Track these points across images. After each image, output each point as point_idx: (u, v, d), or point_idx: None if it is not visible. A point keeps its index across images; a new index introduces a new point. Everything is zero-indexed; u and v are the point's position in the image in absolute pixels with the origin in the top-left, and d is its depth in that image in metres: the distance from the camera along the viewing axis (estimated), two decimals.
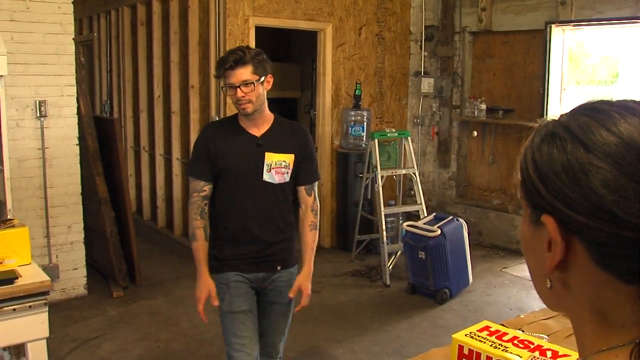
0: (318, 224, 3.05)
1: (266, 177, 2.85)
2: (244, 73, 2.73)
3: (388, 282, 5.83)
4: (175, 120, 7.20)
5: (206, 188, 2.89)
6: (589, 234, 0.68)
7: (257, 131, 2.88)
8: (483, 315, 4.98)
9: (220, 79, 2.87)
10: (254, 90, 2.76)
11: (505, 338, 1.63)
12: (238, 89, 2.74)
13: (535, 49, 6.60)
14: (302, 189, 2.99)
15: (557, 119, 0.77)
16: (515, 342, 1.60)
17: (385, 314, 5.19)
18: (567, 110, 0.77)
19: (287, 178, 2.90)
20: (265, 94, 2.85)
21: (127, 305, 5.28)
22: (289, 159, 2.89)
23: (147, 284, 5.75)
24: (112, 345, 4.54)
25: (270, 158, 2.86)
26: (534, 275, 0.81)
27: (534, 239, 0.76)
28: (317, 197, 3.04)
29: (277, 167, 2.87)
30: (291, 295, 2.94)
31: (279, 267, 2.96)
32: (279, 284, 2.98)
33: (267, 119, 2.91)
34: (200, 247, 2.90)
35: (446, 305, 5.35)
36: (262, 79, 2.79)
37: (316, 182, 3.05)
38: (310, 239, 3.00)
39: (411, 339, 4.70)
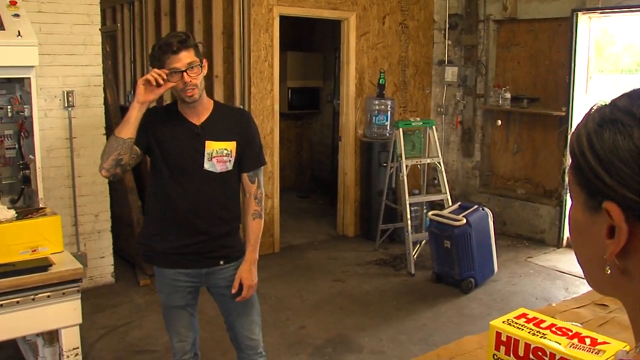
0: (263, 212, 2.93)
1: (207, 165, 2.77)
2: (189, 56, 2.64)
3: (413, 271, 5.83)
4: None
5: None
6: None
7: (197, 120, 2.78)
8: (508, 305, 4.97)
9: (156, 65, 2.68)
10: (200, 73, 2.68)
11: (543, 325, 1.62)
12: (185, 74, 2.63)
13: (560, 37, 6.53)
14: (244, 176, 2.89)
15: (611, 103, 0.75)
16: (553, 329, 1.60)
17: (410, 302, 5.20)
18: (619, 95, 0.75)
19: (229, 166, 2.81)
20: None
21: (153, 293, 5.32)
22: (230, 146, 2.79)
23: None
24: (140, 332, 4.60)
25: (211, 147, 2.77)
26: (588, 262, 0.79)
27: (590, 226, 0.75)
28: (261, 185, 2.93)
29: (218, 155, 2.78)
30: (233, 291, 2.84)
31: (221, 262, 2.90)
32: (229, 278, 2.90)
33: (207, 106, 2.82)
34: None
35: (471, 295, 5.35)
36: (202, 63, 2.71)
37: (261, 169, 2.94)
38: (253, 228, 2.89)
39: (437, 328, 4.70)
